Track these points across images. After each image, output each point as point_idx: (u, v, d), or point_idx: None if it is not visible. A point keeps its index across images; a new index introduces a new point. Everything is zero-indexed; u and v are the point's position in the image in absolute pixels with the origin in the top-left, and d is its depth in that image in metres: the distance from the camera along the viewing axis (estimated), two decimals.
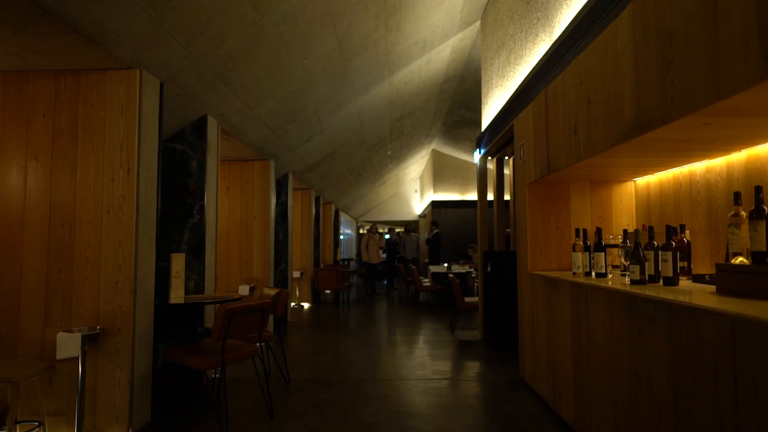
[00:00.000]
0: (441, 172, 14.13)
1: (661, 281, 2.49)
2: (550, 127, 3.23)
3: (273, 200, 6.22)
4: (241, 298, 3.60)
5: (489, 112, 5.57)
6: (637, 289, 2.25)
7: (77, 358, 2.64)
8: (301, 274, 8.77)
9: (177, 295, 3.44)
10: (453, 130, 11.40)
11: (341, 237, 16.17)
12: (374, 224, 11.37)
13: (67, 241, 2.85)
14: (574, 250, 3.14)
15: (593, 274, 3.12)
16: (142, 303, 2.93)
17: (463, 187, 14.05)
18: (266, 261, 5.94)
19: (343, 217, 15.60)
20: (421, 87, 7.18)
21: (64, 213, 2.87)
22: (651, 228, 2.66)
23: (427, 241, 12.19)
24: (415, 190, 19.17)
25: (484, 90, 5.88)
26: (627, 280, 2.64)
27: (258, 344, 3.29)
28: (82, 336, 2.59)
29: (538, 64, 3.59)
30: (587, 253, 3.16)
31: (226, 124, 4.41)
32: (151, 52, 2.89)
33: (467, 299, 6.20)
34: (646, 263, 2.54)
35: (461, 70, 7.54)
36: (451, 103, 9.28)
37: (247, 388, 3.82)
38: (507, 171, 6.05)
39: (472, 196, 13.98)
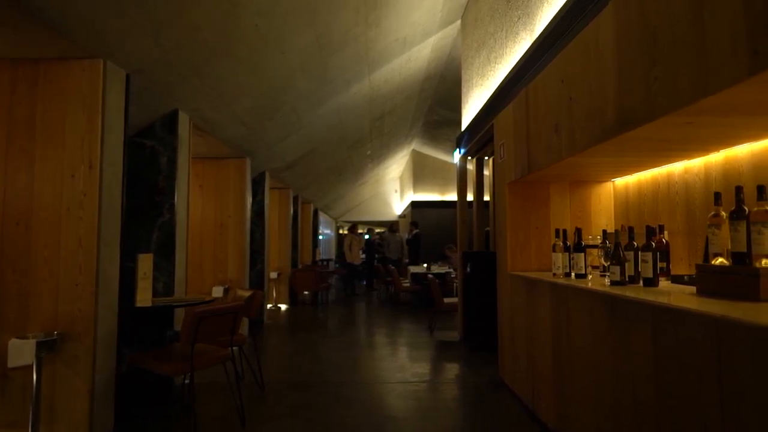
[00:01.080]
0: (421, 172, 14.11)
1: (642, 282, 2.47)
2: (531, 126, 3.19)
3: (249, 199, 6.06)
4: (213, 300, 3.46)
5: (469, 112, 5.54)
6: (617, 290, 2.22)
7: (32, 365, 2.46)
8: (279, 274, 8.60)
9: (144, 297, 3.28)
10: (433, 130, 11.38)
11: (320, 237, 16.00)
12: (355, 224, 11.25)
13: (23, 240, 2.67)
14: (554, 251, 3.11)
15: (572, 274, 3.09)
16: (105, 306, 2.77)
17: (443, 187, 14.06)
18: (242, 261, 5.77)
19: (322, 217, 15.44)
20: (402, 85, 7.11)
21: (20, 210, 2.69)
22: (631, 228, 2.64)
23: (407, 241, 12.14)
24: (395, 190, 19.12)
25: (464, 89, 5.85)
26: (607, 280, 2.61)
27: (230, 348, 3.15)
28: (37, 342, 2.42)
29: (518, 62, 3.55)
30: (567, 254, 3.13)
31: (200, 120, 4.25)
32: (117, 42, 2.73)
33: (446, 300, 6.16)
34: (626, 264, 2.51)
35: (442, 68, 7.50)
36: (432, 102, 9.25)
37: (219, 393, 3.67)
38: (486, 172, 6.04)
39: (452, 196, 14.00)
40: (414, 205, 13.99)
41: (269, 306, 8.53)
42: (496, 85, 4.24)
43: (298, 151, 7.10)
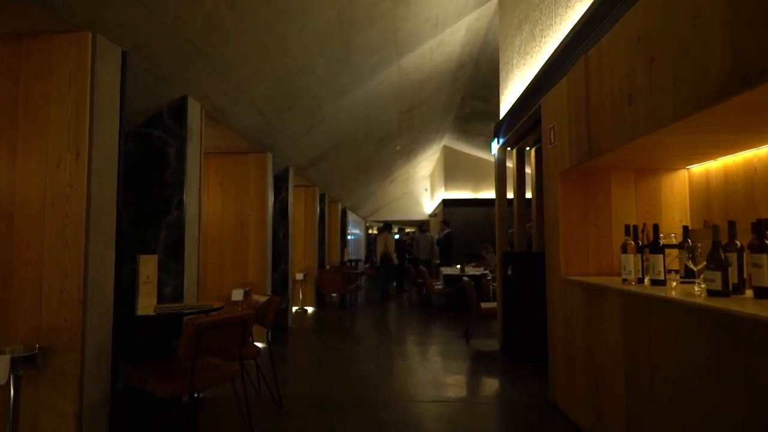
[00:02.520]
0: (453, 169, 13.53)
1: (751, 292, 1.91)
2: (592, 100, 2.65)
3: (271, 197, 5.70)
4: (222, 307, 3.07)
5: (508, 97, 4.99)
6: (720, 303, 1.68)
7: (9, 384, 2.12)
8: (305, 276, 8.26)
9: (147, 304, 2.93)
10: (466, 124, 10.81)
11: (349, 237, 15.66)
12: (389, 223, 10.72)
13: (3, 240, 2.35)
14: (624, 251, 2.56)
15: (646, 280, 2.54)
16: (95, 314, 2.42)
17: (475, 184, 13.44)
18: (262, 263, 5.42)
19: (350, 216, 15.08)
20: (433, 73, 6.61)
21: (0, 206, 2.37)
22: (732, 223, 2.08)
23: (438, 241, 11.60)
24: (425, 188, 18.59)
25: (502, 73, 5.30)
26: (698, 289, 2.06)
27: (240, 362, 2.75)
28: (12, 358, 2.08)
29: (573, 28, 3.01)
30: (640, 255, 2.58)
31: (211, 108, 3.89)
32: (107, 12, 2.37)
33: (483, 305, 5.62)
34: (729, 269, 1.95)
35: (476, 54, 6.96)
36: (465, 93, 8.70)
37: (230, 410, 3.29)
38: (528, 169, 5.46)
39: (486, 194, 13.37)
40: (445, 203, 13.43)
41: (295, 309, 8.20)
42: (543, 61, 3.69)
43: (323, 146, 6.71)
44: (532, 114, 3.97)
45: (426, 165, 15.33)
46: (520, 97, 4.32)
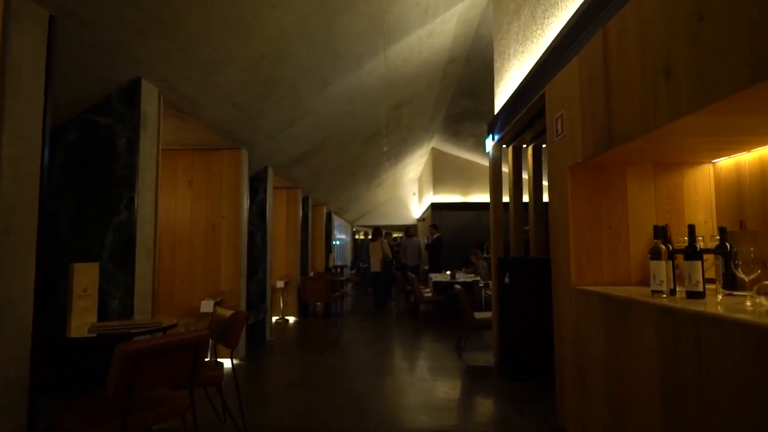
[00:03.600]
0: (441, 171, 13.16)
1: None
2: (613, 80, 2.25)
3: (246, 197, 5.23)
4: (176, 324, 2.60)
5: (504, 90, 4.60)
6: None
7: None
8: (286, 283, 7.76)
9: (82, 322, 2.44)
10: (455, 125, 10.44)
11: (335, 242, 15.17)
12: (379, 227, 10.27)
13: None
14: (653, 257, 2.15)
15: (679, 291, 2.15)
16: (6, 340, 1.93)
17: (465, 188, 13.08)
18: (236, 270, 4.93)
19: (336, 220, 14.61)
20: (422, 67, 6.22)
21: None
22: None
23: (427, 246, 11.19)
24: (413, 192, 18.21)
25: (497, 64, 4.92)
26: (750, 304, 1.66)
27: (191, 393, 2.27)
28: None
29: (586, 1, 2.62)
30: (670, 262, 2.18)
31: (173, 95, 3.42)
32: None
33: (477, 314, 5.20)
34: None
35: (468, 49, 6.58)
36: (455, 90, 8.33)
37: None
38: (525, 174, 5.07)
39: (476, 197, 13.02)
40: (434, 207, 13.04)
41: (275, 319, 7.69)
42: (547, 44, 3.30)
43: (305, 144, 6.25)
44: (533, 105, 3.58)
45: (414, 168, 14.95)
46: (519, 87, 3.93)
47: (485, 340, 5.95)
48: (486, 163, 12.66)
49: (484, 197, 12.97)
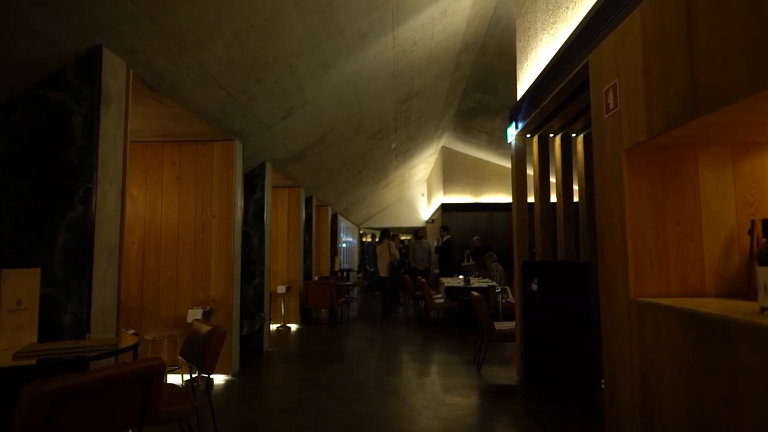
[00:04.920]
0: (452, 171, 12.61)
1: None
2: (700, 30, 1.70)
3: (240, 195, 4.72)
4: (136, 345, 2.08)
5: (530, 71, 4.06)
6: None
7: None
8: (288, 288, 7.25)
9: (11, 345, 1.92)
10: (467, 121, 9.90)
11: (342, 245, 14.66)
12: (387, 230, 9.76)
13: None
14: (764, 262, 1.59)
15: None
16: None
17: (476, 188, 12.52)
18: (228, 274, 4.42)
19: (342, 222, 14.09)
20: (434, 53, 5.69)
21: None
22: None
23: (437, 249, 10.63)
24: (422, 193, 17.68)
25: (521, 44, 4.37)
26: None
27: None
28: None
29: None
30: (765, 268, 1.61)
31: (145, 71, 2.92)
32: None
33: (497, 325, 4.64)
34: None
35: (483, 35, 6.04)
36: (468, 82, 7.79)
37: None
38: (551, 175, 4.48)
39: (488, 198, 12.46)
40: (444, 207, 12.48)
41: (276, 327, 7.18)
42: (590, 5, 2.76)
43: (306, 137, 5.74)
44: (569, 81, 3.03)
45: (423, 168, 14.40)
46: (549, 63, 3.39)
47: (505, 352, 5.38)
48: (499, 161, 12.16)
49: (496, 197, 12.39)
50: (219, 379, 4.32)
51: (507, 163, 11.96)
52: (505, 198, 12.28)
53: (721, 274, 2.19)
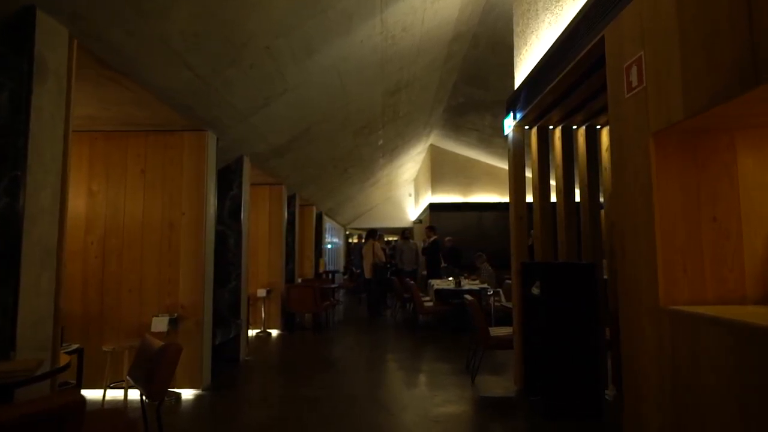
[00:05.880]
0: (440, 170, 12.31)
1: None
2: None
3: (213, 190, 4.32)
4: (63, 368, 1.68)
5: (530, 57, 3.74)
6: None
7: None
8: (268, 292, 6.83)
9: None
10: (457, 118, 9.60)
11: (328, 246, 14.25)
12: (374, 229, 9.42)
13: None
14: None
15: None
16: None
17: (465, 187, 12.23)
18: (199, 277, 4.01)
19: (328, 223, 13.69)
20: (424, 41, 5.35)
21: None
22: None
23: (424, 250, 10.30)
24: (409, 193, 17.36)
25: (518, 28, 4.06)
26: None
27: None
28: None
29: None
30: None
31: (95, 43, 2.51)
32: None
33: (492, 331, 4.31)
34: None
35: (475, 23, 5.73)
36: (458, 77, 7.48)
37: None
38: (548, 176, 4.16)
39: (477, 197, 12.19)
40: (432, 207, 12.18)
41: (255, 333, 6.76)
42: None
43: (288, 129, 5.36)
44: (580, 60, 2.71)
45: (411, 167, 14.08)
46: (554, 44, 3.07)
47: (499, 358, 5.06)
48: (489, 160, 11.87)
49: (486, 197, 12.13)
50: (188, 394, 3.90)
51: (497, 162, 11.70)
52: (495, 197, 12.02)
53: (764, 277, 1.88)
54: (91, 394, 3.80)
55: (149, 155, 4.10)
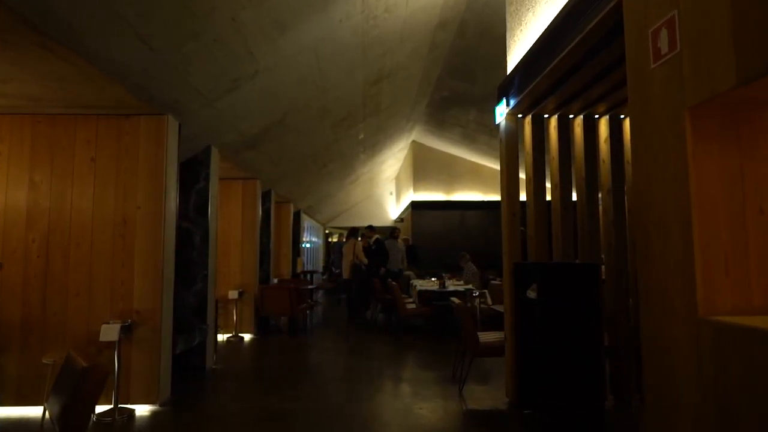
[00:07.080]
0: (423, 167, 12.01)
1: None
2: None
3: (174, 182, 3.87)
4: None
5: (525, 38, 3.43)
6: None
7: None
8: (241, 293, 6.38)
9: None
10: (440, 113, 9.30)
11: (306, 245, 13.79)
12: (355, 228, 9.01)
13: None
14: None
15: None
16: None
17: (448, 185, 11.96)
18: (157, 279, 3.57)
19: (306, 221, 13.23)
20: (408, 26, 4.99)
21: None
22: None
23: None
24: (390, 192, 17.02)
25: (512, 7, 3.73)
26: None
27: None
28: None
29: None
30: None
31: (25, 5, 2.07)
32: None
33: (481, 336, 3.99)
34: None
35: (462, 9, 5.40)
36: (443, 69, 7.15)
37: None
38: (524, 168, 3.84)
39: (460, 195, 11.93)
40: (414, 206, 11.87)
41: (226, 337, 6.30)
42: None
43: (260, 117, 4.93)
44: (588, 33, 2.39)
45: (392, 164, 13.73)
46: (556, 18, 2.76)
47: (486, 366, 4.74)
48: (472, 157, 11.59)
49: (469, 195, 11.89)
50: (143, 410, 3.46)
51: (481, 160, 11.45)
52: (479, 196, 11.79)
53: None
54: (31, 412, 3.33)
55: (101, 142, 3.63)
